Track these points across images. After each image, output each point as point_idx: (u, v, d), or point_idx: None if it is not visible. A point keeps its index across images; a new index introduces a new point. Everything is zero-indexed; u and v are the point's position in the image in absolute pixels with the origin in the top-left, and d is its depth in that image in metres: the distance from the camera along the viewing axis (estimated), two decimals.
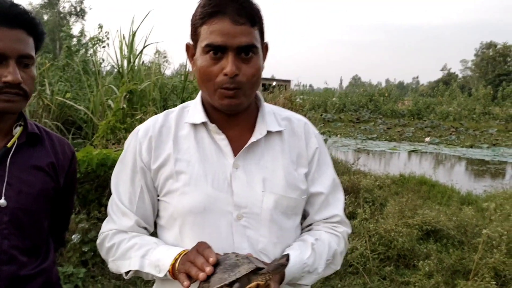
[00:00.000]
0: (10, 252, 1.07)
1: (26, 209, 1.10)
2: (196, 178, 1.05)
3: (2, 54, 1.01)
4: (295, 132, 1.16)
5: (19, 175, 1.09)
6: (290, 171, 1.10)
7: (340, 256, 1.16)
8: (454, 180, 8.00)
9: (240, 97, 1.03)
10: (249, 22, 0.99)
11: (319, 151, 1.17)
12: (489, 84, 39.12)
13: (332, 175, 1.19)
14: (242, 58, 0.99)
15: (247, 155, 1.08)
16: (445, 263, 3.54)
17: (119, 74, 8.01)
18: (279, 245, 1.06)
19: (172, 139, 1.10)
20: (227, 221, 1.04)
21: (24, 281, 1.10)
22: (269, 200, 1.05)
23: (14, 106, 1.05)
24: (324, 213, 1.16)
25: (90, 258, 3.24)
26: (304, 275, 1.06)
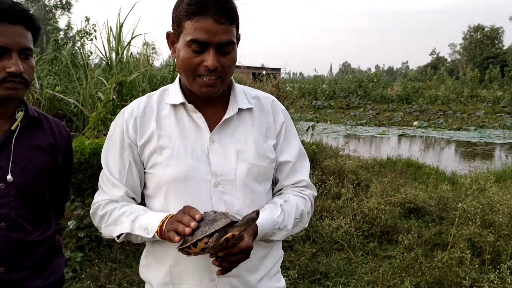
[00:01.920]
0: (17, 221, 1.21)
1: (30, 184, 1.24)
2: (178, 152, 1.20)
3: (6, 48, 1.15)
4: (264, 109, 1.32)
5: (23, 154, 1.24)
6: (260, 143, 1.26)
7: (307, 216, 1.34)
8: (440, 162, 8.22)
9: (218, 86, 1.19)
10: (229, 21, 1.13)
11: (285, 125, 1.33)
12: (477, 67, 39.46)
13: (298, 145, 1.35)
14: (222, 52, 1.15)
15: (221, 130, 1.24)
16: (425, 236, 3.74)
17: (108, 66, 8.05)
18: (253, 207, 1.20)
19: (155, 118, 1.24)
20: (206, 188, 1.18)
21: (31, 246, 1.24)
22: (242, 168, 1.21)
23: (17, 93, 1.20)
24: (292, 179, 1.32)
25: (86, 243, 3.38)
26: (275, 232, 1.23)
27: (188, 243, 1.05)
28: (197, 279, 1.21)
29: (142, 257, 1.35)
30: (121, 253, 3.43)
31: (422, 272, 3.20)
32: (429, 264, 3.24)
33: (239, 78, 13.71)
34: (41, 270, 1.28)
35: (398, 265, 3.33)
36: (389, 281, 3.18)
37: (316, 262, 3.49)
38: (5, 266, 1.19)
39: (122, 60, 8.06)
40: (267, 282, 1.29)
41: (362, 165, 5.70)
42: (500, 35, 66.96)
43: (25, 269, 1.23)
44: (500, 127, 16.82)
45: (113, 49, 8.04)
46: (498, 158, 10.45)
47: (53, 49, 8.96)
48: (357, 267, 3.46)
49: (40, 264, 1.28)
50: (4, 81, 1.16)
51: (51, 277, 1.31)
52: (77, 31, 8.97)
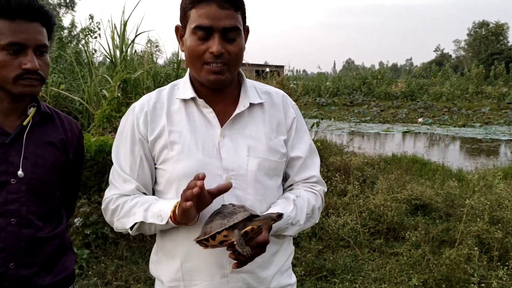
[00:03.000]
0: (28, 217, 1.20)
1: (41, 180, 1.23)
2: (189, 147, 1.19)
3: (23, 44, 1.15)
4: (275, 104, 1.30)
5: (34, 149, 1.23)
6: (271, 138, 1.25)
7: (318, 211, 1.33)
8: (446, 158, 8.18)
9: (225, 73, 1.17)
10: (233, 7, 1.12)
11: (296, 120, 1.32)
12: (482, 64, 39.21)
13: (309, 141, 1.34)
14: (227, 38, 1.13)
15: (232, 125, 1.22)
16: (432, 233, 3.71)
17: (112, 64, 8.06)
18: (264, 202, 1.20)
19: (166, 113, 1.23)
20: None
21: (41, 243, 1.24)
22: (253, 163, 1.20)
23: (33, 90, 1.20)
24: (303, 175, 1.31)
25: (92, 240, 3.38)
26: (288, 227, 1.22)
27: (207, 235, 1.04)
28: (209, 276, 1.19)
29: (152, 254, 1.34)
30: (127, 250, 3.43)
31: (430, 269, 3.17)
32: (436, 261, 3.22)
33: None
34: (51, 267, 1.27)
35: (405, 262, 3.31)
36: (396, 278, 3.16)
37: (323, 259, 3.48)
38: (15, 262, 1.18)
39: (126, 58, 8.06)
40: (279, 278, 1.28)
41: (367, 162, 5.67)
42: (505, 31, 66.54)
43: (35, 266, 1.22)
44: (506, 124, 16.72)
45: (117, 46, 8.05)
46: (503, 154, 10.39)
47: (57, 47, 8.97)
48: (363, 264, 3.45)
49: (50, 261, 1.27)
50: (20, 78, 1.16)
51: (61, 274, 1.30)
52: (81, 29, 8.98)
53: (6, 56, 1.14)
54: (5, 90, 1.18)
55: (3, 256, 1.17)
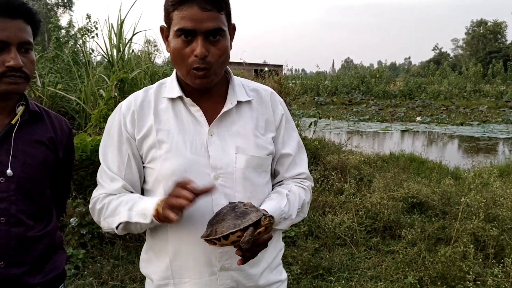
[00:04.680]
0: (18, 215, 1.20)
1: (30, 178, 1.23)
2: (176, 146, 1.19)
3: (5, 42, 1.14)
4: (263, 101, 1.30)
5: (23, 148, 1.23)
6: (258, 135, 1.25)
7: (307, 205, 1.35)
8: (443, 157, 8.18)
9: (210, 76, 1.16)
10: (216, 8, 1.11)
11: (285, 117, 1.33)
12: (480, 62, 39.28)
13: (297, 138, 1.36)
14: (211, 40, 1.12)
15: (220, 123, 1.22)
16: (428, 231, 3.72)
17: (109, 64, 8.05)
18: (253, 199, 1.18)
19: (153, 112, 1.23)
20: (205, 181, 1.15)
21: (31, 242, 1.24)
22: (241, 160, 1.20)
23: (18, 88, 1.19)
24: (292, 171, 1.33)
25: (88, 240, 3.38)
26: (281, 221, 1.23)
27: (219, 235, 1.03)
28: (198, 274, 1.20)
29: (142, 252, 1.34)
30: (123, 249, 3.43)
31: (426, 267, 3.18)
32: (432, 258, 3.23)
33: (241, 75, 13.69)
34: (41, 265, 1.27)
35: (401, 260, 3.32)
36: (392, 276, 3.16)
37: (319, 258, 3.48)
38: (4, 261, 1.18)
39: (124, 57, 8.05)
40: (268, 274, 1.28)
41: (364, 160, 5.68)
42: (503, 30, 66.58)
43: (25, 265, 1.22)
44: (503, 122, 16.74)
45: (115, 46, 8.04)
46: (501, 152, 10.40)
47: (54, 47, 8.96)
48: (360, 262, 3.45)
49: (41, 259, 1.27)
50: (4, 76, 1.15)
51: (51, 273, 1.30)
52: (78, 28, 8.97)
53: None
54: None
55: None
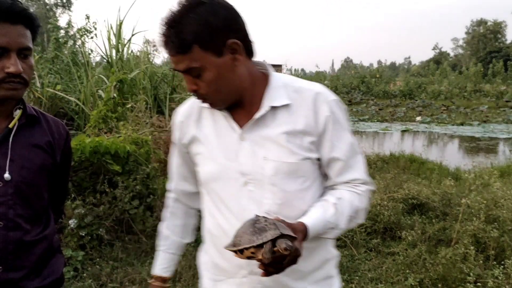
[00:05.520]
0: (15, 220, 1.20)
1: (28, 182, 1.22)
2: (212, 151, 1.25)
3: (5, 48, 1.13)
4: (304, 103, 1.22)
5: (20, 152, 1.22)
6: (292, 140, 1.19)
7: (362, 212, 1.26)
8: (444, 157, 8.17)
9: (214, 103, 1.21)
10: (181, 52, 1.12)
11: (331, 118, 1.21)
12: (480, 62, 39.27)
13: (349, 140, 1.25)
14: (195, 76, 1.15)
15: (253, 129, 1.21)
16: (428, 233, 3.71)
17: (108, 64, 8.05)
18: (284, 206, 1.18)
19: (196, 119, 1.31)
20: (236, 187, 1.20)
21: (29, 246, 1.23)
22: (269, 166, 1.19)
23: (16, 94, 1.19)
24: (344, 177, 1.25)
25: (87, 242, 3.37)
26: (328, 231, 1.18)
27: (235, 248, 1.03)
28: (231, 274, 1.24)
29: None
30: (122, 251, 3.42)
31: (426, 269, 3.17)
32: (433, 260, 3.21)
33: None
34: (39, 269, 1.27)
35: (402, 261, 3.31)
36: (392, 277, 3.15)
37: None
38: (3, 266, 1.18)
39: (123, 58, 8.05)
40: (307, 285, 1.25)
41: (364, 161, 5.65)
42: (503, 29, 66.54)
43: (23, 269, 1.22)
44: (504, 122, 16.73)
45: (114, 46, 8.03)
46: (502, 153, 10.38)
47: (54, 47, 8.96)
48: (360, 264, 3.44)
49: (39, 263, 1.26)
50: (3, 81, 1.15)
51: (49, 277, 1.29)
52: (77, 29, 8.97)
53: None
54: None
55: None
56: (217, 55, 1.13)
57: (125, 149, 3.85)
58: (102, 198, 3.61)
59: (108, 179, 3.73)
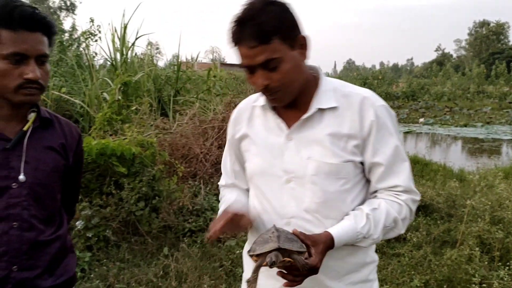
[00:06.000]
0: (30, 220, 1.23)
1: (42, 184, 1.25)
2: (260, 148, 1.32)
3: (24, 55, 1.16)
4: (351, 107, 1.25)
5: (35, 154, 1.25)
6: (335, 142, 1.22)
7: (402, 222, 1.25)
8: (447, 158, 8.16)
9: (281, 98, 1.24)
10: (261, 43, 1.14)
11: (376, 123, 1.22)
12: (483, 63, 39.20)
13: (394, 146, 1.24)
14: (269, 69, 1.17)
15: (300, 129, 1.27)
16: (433, 234, 3.71)
17: (113, 67, 8.09)
18: (323, 205, 1.22)
19: (248, 117, 1.38)
20: (278, 184, 1.27)
21: (43, 245, 1.26)
22: (311, 166, 1.23)
23: (33, 99, 1.22)
24: (385, 183, 1.25)
25: (94, 243, 3.39)
26: (359, 240, 1.21)
27: (250, 253, 1.14)
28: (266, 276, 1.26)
29: None
30: (129, 253, 3.44)
31: (431, 270, 3.18)
32: (438, 261, 3.22)
33: (243, 77, 13.71)
34: (53, 269, 1.29)
35: (407, 263, 3.31)
36: (398, 279, 3.16)
37: None
38: (17, 265, 1.20)
39: (127, 61, 8.09)
40: (344, 286, 1.27)
41: None
42: (506, 31, 66.46)
43: (37, 268, 1.24)
44: (507, 123, 16.70)
45: (118, 49, 8.08)
46: (505, 154, 10.37)
47: (58, 50, 9.00)
48: None
49: (52, 263, 1.29)
50: (21, 87, 1.18)
51: (63, 276, 1.32)
52: (82, 32, 9.01)
53: (8, 65, 1.15)
54: (5, 98, 1.20)
55: (5, 259, 1.19)
56: (292, 48, 1.18)
57: (130, 151, 3.88)
58: (108, 200, 3.63)
59: (114, 181, 3.76)
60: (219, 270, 3.27)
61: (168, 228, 3.81)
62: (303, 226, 1.22)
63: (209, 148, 5.06)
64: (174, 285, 3.04)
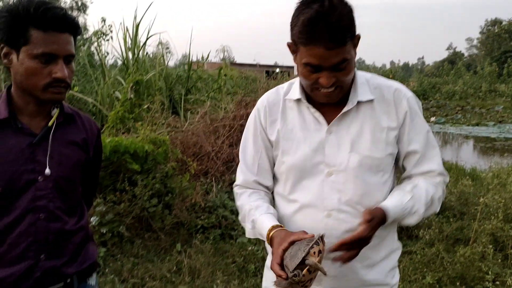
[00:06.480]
0: (55, 212, 1.28)
1: (65, 177, 1.30)
2: (298, 142, 1.30)
3: (54, 55, 1.20)
4: (385, 99, 1.30)
5: (59, 149, 1.29)
6: (376, 135, 1.27)
7: (438, 201, 1.33)
8: (459, 157, 8.09)
9: (337, 95, 1.24)
10: (341, 44, 1.14)
11: (409, 114, 1.29)
12: (495, 62, 38.65)
13: (426, 134, 1.32)
14: (337, 69, 1.18)
15: (339, 123, 1.28)
16: (446, 232, 3.70)
17: (124, 66, 8.16)
18: (365, 197, 1.25)
19: (281, 110, 1.36)
20: (320, 177, 1.27)
21: (68, 235, 1.32)
22: (354, 159, 1.26)
23: (60, 97, 1.26)
24: (421, 168, 1.32)
25: (109, 239, 3.44)
26: (406, 216, 1.25)
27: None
28: None
29: None
30: (142, 248, 3.49)
31: (444, 267, 3.16)
32: (451, 259, 3.21)
33: (253, 76, 13.73)
34: (77, 256, 1.35)
35: (419, 260, 3.30)
36: (410, 276, 3.15)
37: None
38: (45, 254, 1.26)
39: (138, 60, 8.16)
40: (376, 273, 1.31)
41: None
42: None
43: (63, 256, 1.30)
44: None
45: (130, 49, 8.15)
46: None
47: None
48: None
49: (77, 251, 1.35)
50: (50, 86, 1.21)
51: (86, 263, 1.38)
52: (94, 31, 9.10)
53: (38, 64, 1.19)
54: (33, 96, 1.24)
55: (34, 249, 1.24)
56: (354, 47, 1.21)
57: (143, 149, 3.92)
58: (122, 196, 3.68)
59: (127, 177, 3.80)
60: (231, 266, 3.29)
61: (181, 225, 3.84)
62: (343, 218, 1.25)
63: (220, 146, 5.09)
64: (187, 280, 3.08)
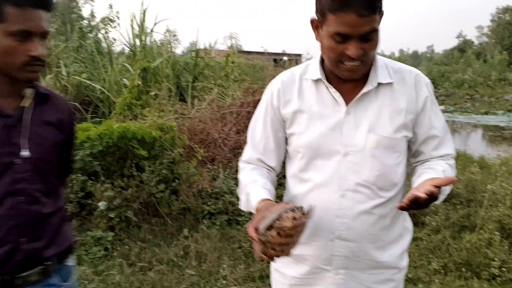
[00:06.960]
0: (35, 194, 1.26)
1: (44, 159, 1.28)
2: (315, 121, 1.30)
3: (29, 32, 1.16)
4: (406, 83, 1.31)
5: (35, 130, 1.26)
6: (395, 117, 1.27)
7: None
8: (468, 146, 8.03)
9: (361, 70, 1.23)
10: (372, 12, 1.13)
11: (430, 99, 1.32)
12: (505, 50, 38.10)
13: (443, 120, 1.36)
14: (365, 39, 1.16)
15: (358, 104, 1.28)
16: (452, 219, 3.69)
17: (132, 53, 8.16)
18: (380, 177, 1.26)
19: (297, 89, 1.35)
20: (336, 157, 1.27)
21: (47, 217, 1.30)
22: (371, 140, 1.26)
23: (37, 76, 1.24)
24: (439, 151, 1.35)
25: (116, 224, 3.48)
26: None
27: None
28: (316, 236, 1.29)
29: None
30: (149, 233, 3.53)
31: (450, 254, 3.17)
32: (456, 245, 3.21)
33: (260, 64, 13.65)
34: (56, 238, 1.33)
35: (425, 246, 3.31)
36: (415, 262, 3.16)
37: None
38: (27, 237, 1.24)
39: (146, 47, 8.15)
40: (388, 255, 1.32)
41: None
42: None
43: (43, 239, 1.29)
44: None
45: (137, 36, 8.14)
46: None
47: (78, 37, 9.12)
48: None
49: (56, 232, 1.33)
50: (26, 64, 1.18)
51: (64, 244, 1.36)
52: (101, 18, 9.10)
53: (14, 42, 1.15)
54: (8, 75, 1.20)
55: (15, 232, 1.22)
56: (381, 20, 1.19)
57: (151, 135, 3.95)
58: (129, 182, 3.71)
59: (135, 163, 3.83)
60: (238, 251, 3.32)
61: (188, 210, 3.88)
62: (358, 199, 1.26)
63: (228, 133, 5.09)
64: (194, 264, 3.11)
